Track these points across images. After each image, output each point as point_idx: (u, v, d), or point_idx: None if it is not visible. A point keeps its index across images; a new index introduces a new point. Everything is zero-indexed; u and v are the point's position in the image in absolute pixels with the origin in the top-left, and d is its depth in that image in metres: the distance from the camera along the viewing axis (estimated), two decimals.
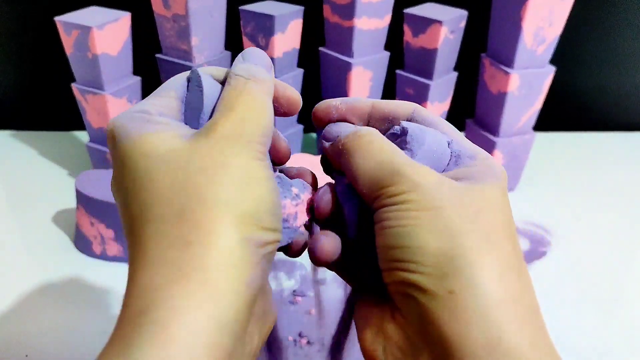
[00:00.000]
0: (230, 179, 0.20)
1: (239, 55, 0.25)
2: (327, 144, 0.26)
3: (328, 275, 0.52)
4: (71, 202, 0.58)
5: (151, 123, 0.21)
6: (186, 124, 0.23)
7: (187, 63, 0.58)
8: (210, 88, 0.24)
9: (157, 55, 0.60)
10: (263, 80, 0.23)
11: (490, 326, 0.19)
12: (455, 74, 0.64)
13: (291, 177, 0.27)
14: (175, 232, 0.19)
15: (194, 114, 0.23)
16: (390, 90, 0.66)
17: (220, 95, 0.23)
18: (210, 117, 0.23)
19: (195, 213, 0.19)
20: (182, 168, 0.20)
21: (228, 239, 0.19)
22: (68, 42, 0.55)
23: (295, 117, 0.67)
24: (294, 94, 0.26)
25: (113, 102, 0.57)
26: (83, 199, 0.51)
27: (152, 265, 0.19)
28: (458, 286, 0.19)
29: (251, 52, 0.25)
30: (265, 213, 0.21)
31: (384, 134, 0.25)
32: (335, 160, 0.25)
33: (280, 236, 0.22)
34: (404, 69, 0.63)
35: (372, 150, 0.23)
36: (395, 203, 0.21)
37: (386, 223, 0.21)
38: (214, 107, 0.23)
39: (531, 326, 0.20)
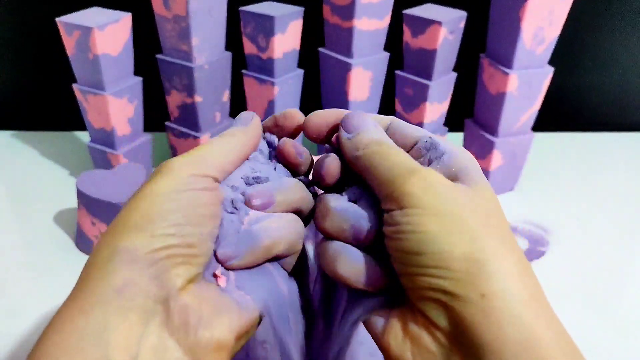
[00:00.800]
0: (139, 196, 0.22)
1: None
2: (347, 136, 0.26)
3: None
4: (72, 202, 0.58)
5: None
6: None
7: (188, 63, 0.58)
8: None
9: (158, 56, 0.61)
10: (231, 134, 0.26)
11: (522, 325, 0.20)
12: (454, 75, 0.64)
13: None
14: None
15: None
16: (389, 91, 0.66)
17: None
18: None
19: (110, 228, 0.22)
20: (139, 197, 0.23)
21: (97, 257, 0.21)
22: (69, 43, 0.56)
23: None
24: (292, 111, 0.28)
25: (114, 103, 0.58)
26: (84, 199, 0.51)
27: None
28: (489, 289, 0.20)
29: (238, 117, 0.27)
30: (148, 222, 0.21)
31: None
32: (349, 155, 0.25)
33: (190, 240, 0.22)
34: (404, 69, 0.64)
35: (391, 153, 0.24)
36: (411, 206, 0.22)
37: (404, 227, 0.22)
38: None
39: (554, 323, 0.21)
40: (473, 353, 0.20)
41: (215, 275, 0.23)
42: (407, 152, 0.25)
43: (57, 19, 0.55)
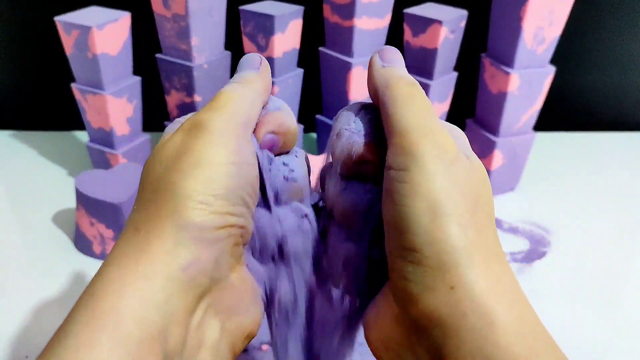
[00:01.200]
0: (184, 166, 0.21)
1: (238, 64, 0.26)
2: (381, 64, 0.25)
3: None
4: (71, 202, 0.58)
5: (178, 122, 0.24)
6: None
7: (187, 63, 0.58)
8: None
9: (157, 55, 0.60)
10: (249, 81, 0.24)
11: (483, 312, 0.19)
12: (455, 74, 0.64)
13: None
14: (135, 219, 0.21)
15: None
16: None
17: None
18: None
19: (151, 201, 0.21)
20: (161, 155, 0.22)
21: (165, 224, 0.20)
22: (68, 42, 0.55)
23: (295, 116, 0.67)
24: (291, 125, 0.27)
25: (113, 102, 0.57)
26: (83, 199, 0.51)
27: (113, 248, 0.21)
28: (456, 282, 0.19)
29: (244, 59, 0.26)
30: (214, 197, 0.21)
31: None
32: (378, 82, 0.24)
33: (243, 221, 0.22)
34: None
35: (421, 99, 0.23)
36: (416, 171, 0.21)
37: (399, 195, 0.21)
38: None
39: (517, 307, 0.20)
40: (435, 344, 0.20)
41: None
42: None
43: (55, 18, 0.55)
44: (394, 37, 0.63)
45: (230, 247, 0.22)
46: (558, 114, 0.81)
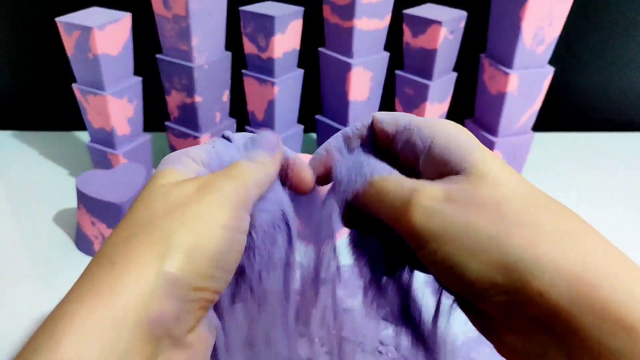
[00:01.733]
0: (184, 216, 0.21)
1: (250, 138, 0.27)
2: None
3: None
4: (72, 202, 0.58)
5: (181, 162, 0.24)
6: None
7: (188, 63, 0.58)
8: (234, 151, 0.26)
9: (158, 56, 0.61)
10: (264, 163, 0.25)
11: (585, 300, 0.18)
12: (454, 74, 0.64)
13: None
14: (112, 250, 0.20)
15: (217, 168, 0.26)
16: (390, 91, 0.66)
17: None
18: None
19: (138, 237, 0.20)
20: (163, 198, 0.22)
21: (147, 266, 0.19)
22: (69, 43, 0.56)
23: (295, 117, 0.67)
24: (306, 177, 0.28)
25: (114, 103, 0.58)
26: (84, 199, 0.51)
27: (81, 277, 0.20)
28: (540, 285, 0.19)
29: (262, 137, 0.27)
30: (203, 257, 0.20)
31: None
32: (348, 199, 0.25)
33: (220, 286, 0.22)
34: (404, 69, 0.64)
35: (386, 191, 0.24)
36: (426, 241, 0.21)
37: (440, 266, 0.21)
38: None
39: (619, 279, 0.19)
40: (559, 337, 0.19)
41: None
42: (391, 144, 0.25)
43: (56, 19, 0.55)
44: (394, 37, 0.63)
45: (197, 309, 0.21)
46: (557, 114, 0.81)
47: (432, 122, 0.24)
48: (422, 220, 0.21)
